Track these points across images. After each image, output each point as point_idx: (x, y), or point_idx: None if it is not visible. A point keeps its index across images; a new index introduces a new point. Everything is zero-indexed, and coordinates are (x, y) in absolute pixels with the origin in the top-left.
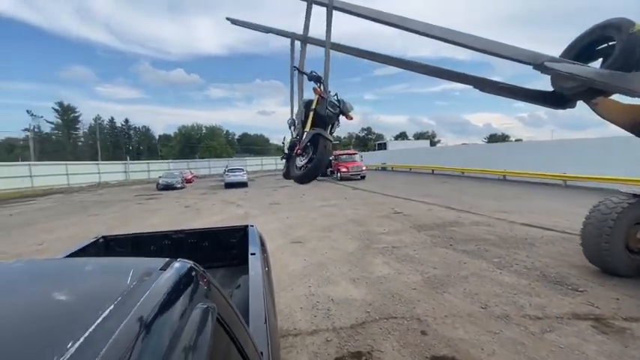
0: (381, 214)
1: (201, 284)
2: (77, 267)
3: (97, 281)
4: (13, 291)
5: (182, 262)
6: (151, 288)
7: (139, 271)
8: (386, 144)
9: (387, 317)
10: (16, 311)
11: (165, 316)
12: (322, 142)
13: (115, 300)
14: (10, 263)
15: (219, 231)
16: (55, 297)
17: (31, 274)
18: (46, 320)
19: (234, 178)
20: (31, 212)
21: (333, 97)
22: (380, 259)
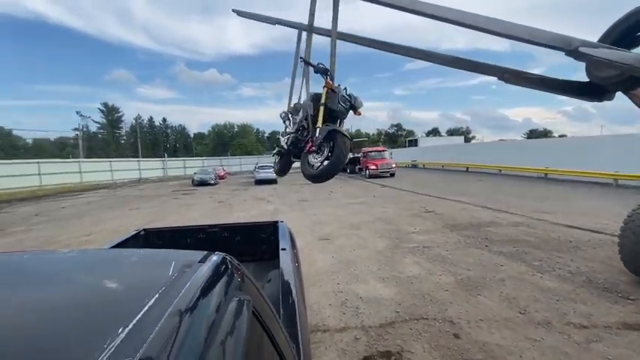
0: (412, 213)
1: (237, 277)
2: (123, 257)
3: (141, 271)
4: (65, 279)
5: (219, 255)
6: (191, 280)
7: (179, 263)
8: (417, 140)
9: (418, 318)
10: (69, 298)
11: (204, 307)
12: (341, 139)
13: (159, 290)
14: (62, 252)
15: (250, 226)
16: (105, 285)
17: (81, 263)
18: (97, 306)
19: (264, 175)
20: (80, 205)
21: (343, 92)
22: (410, 259)
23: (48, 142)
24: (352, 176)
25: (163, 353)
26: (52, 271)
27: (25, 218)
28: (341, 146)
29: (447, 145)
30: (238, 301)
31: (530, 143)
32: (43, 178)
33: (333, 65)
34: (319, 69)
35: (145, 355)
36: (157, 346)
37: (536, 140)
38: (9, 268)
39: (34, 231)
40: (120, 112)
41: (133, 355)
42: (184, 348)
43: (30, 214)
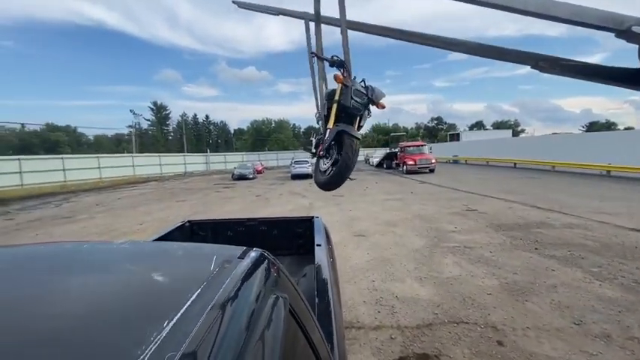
0: (452, 211)
1: (275, 274)
2: (167, 250)
3: (184, 265)
4: (113, 270)
5: (258, 251)
6: (231, 275)
7: (220, 258)
8: (459, 134)
9: (457, 321)
10: (117, 289)
11: (244, 303)
12: (347, 141)
13: (201, 285)
14: (111, 244)
15: (287, 221)
16: (150, 277)
17: (127, 255)
18: (143, 298)
19: (300, 170)
20: (133, 197)
21: (359, 84)
22: (450, 259)
23: (106, 138)
24: (389, 172)
25: (205, 348)
26: (99, 261)
27: (87, 207)
28: (347, 149)
29: (492, 140)
30: (276, 298)
31: (589, 137)
32: (102, 172)
33: (347, 55)
34: (334, 62)
35: (189, 349)
36: (199, 341)
37: (596, 134)
38: (58, 258)
39: (96, 219)
40: (167, 109)
41: (177, 349)
42: (225, 343)
43: (92, 204)
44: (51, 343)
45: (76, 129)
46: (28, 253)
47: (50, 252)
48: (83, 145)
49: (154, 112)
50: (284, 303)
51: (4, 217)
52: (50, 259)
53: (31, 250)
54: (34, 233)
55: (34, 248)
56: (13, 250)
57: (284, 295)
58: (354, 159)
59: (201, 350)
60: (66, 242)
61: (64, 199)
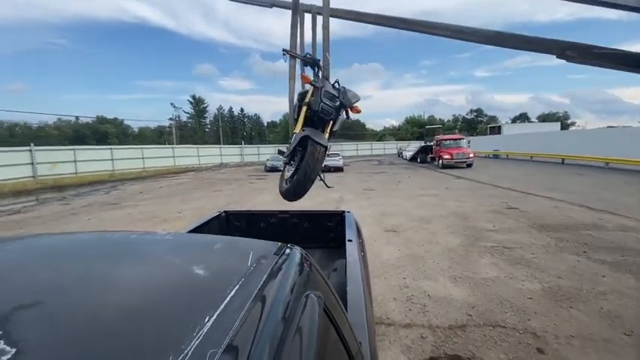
0: (491, 209)
1: (309, 271)
2: (204, 243)
3: (222, 260)
4: (153, 262)
5: (293, 248)
6: (267, 272)
7: (257, 254)
8: (500, 127)
9: (494, 325)
10: (158, 281)
11: (280, 300)
12: (310, 148)
13: (240, 281)
14: (150, 235)
15: (318, 214)
16: (190, 271)
17: (166, 247)
18: (184, 293)
19: (331, 163)
20: (173, 186)
21: (331, 86)
22: (487, 259)
23: (149, 130)
24: (423, 166)
25: (245, 344)
26: (141, 253)
27: (132, 195)
28: (308, 157)
29: (537, 133)
30: (311, 296)
31: None
32: (145, 162)
33: (326, 52)
34: (307, 60)
35: (229, 345)
36: (239, 337)
37: None
38: (103, 247)
39: (140, 206)
40: (205, 103)
41: (219, 345)
42: (263, 340)
43: (136, 192)
44: (93, 334)
45: (122, 121)
46: (68, 241)
47: (93, 241)
48: (129, 136)
49: (193, 106)
50: (319, 302)
51: (61, 203)
52: (94, 249)
53: (72, 239)
54: (87, 217)
55: (75, 237)
56: (50, 240)
57: (318, 293)
58: (315, 168)
59: (242, 346)
60: (109, 232)
61: (111, 186)
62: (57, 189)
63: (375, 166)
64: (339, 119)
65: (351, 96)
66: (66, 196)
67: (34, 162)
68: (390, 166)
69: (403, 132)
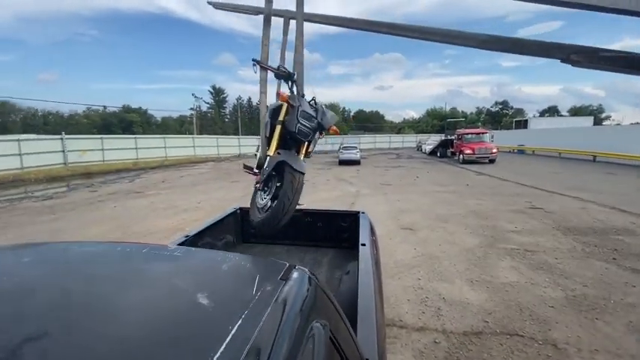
0: (513, 208)
1: (317, 297)
2: (210, 264)
3: (226, 285)
4: (155, 284)
5: (300, 271)
6: (272, 302)
7: (262, 278)
8: (527, 121)
9: (511, 333)
10: (159, 309)
11: (286, 332)
12: (288, 177)
13: (243, 313)
14: (162, 249)
15: (332, 214)
16: (193, 298)
17: (171, 266)
18: (186, 319)
19: (348, 156)
20: (193, 176)
21: (308, 105)
22: (507, 263)
23: (171, 119)
24: (442, 160)
25: None
26: (139, 273)
27: (155, 184)
28: (287, 187)
29: (567, 128)
30: (317, 326)
31: None
32: (167, 151)
33: (300, 66)
34: (281, 73)
35: None
36: None
37: None
38: (107, 260)
39: (162, 195)
40: (225, 93)
41: None
42: None
43: (159, 181)
44: None
45: (146, 111)
46: (65, 251)
47: (97, 255)
48: (152, 125)
49: (213, 96)
50: (325, 332)
51: (90, 190)
52: (94, 265)
53: (76, 250)
54: (113, 205)
55: (72, 247)
56: (56, 248)
57: (325, 323)
58: (294, 199)
59: None
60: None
61: (135, 175)
62: (86, 176)
63: (393, 159)
64: (314, 140)
65: (330, 117)
66: (94, 183)
67: (65, 150)
68: (408, 160)
69: (423, 124)
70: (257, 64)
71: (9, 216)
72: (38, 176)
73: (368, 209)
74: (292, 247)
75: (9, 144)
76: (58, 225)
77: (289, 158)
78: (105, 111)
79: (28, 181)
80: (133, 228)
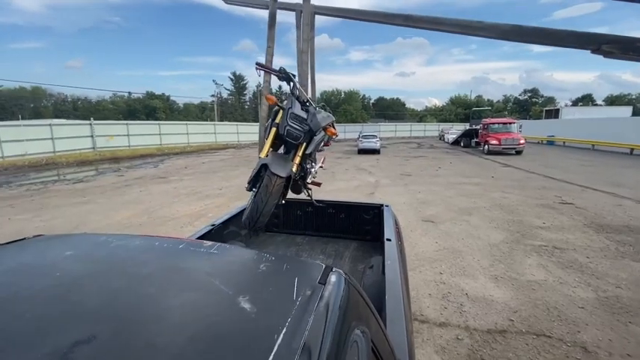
0: (541, 203)
1: (356, 302)
2: (249, 264)
3: (266, 290)
4: (193, 289)
5: (338, 273)
6: (315, 309)
7: (300, 282)
8: (558, 110)
9: (538, 334)
10: (198, 323)
11: (333, 339)
12: (265, 180)
13: (286, 322)
14: (199, 245)
15: (355, 206)
16: (234, 304)
17: (209, 267)
18: (232, 322)
19: (367, 145)
20: (215, 162)
21: (299, 107)
22: (534, 260)
23: (193, 105)
24: (466, 151)
25: None
26: (176, 268)
27: (178, 170)
28: (262, 190)
29: (602, 118)
30: (358, 334)
31: None
32: (189, 137)
33: (306, 66)
34: (280, 75)
35: None
36: None
37: None
38: (142, 256)
39: (184, 181)
40: (245, 79)
41: None
42: None
43: (181, 167)
44: None
45: (169, 97)
46: (100, 245)
47: (133, 248)
48: (175, 111)
49: (233, 82)
50: (366, 340)
51: (117, 174)
52: (132, 256)
53: (111, 244)
54: (139, 189)
55: (109, 240)
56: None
57: (365, 329)
58: (268, 203)
59: None
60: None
61: (159, 160)
62: (113, 160)
63: (414, 149)
64: (314, 140)
65: (321, 118)
66: (121, 167)
67: (94, 135)
68: (430, 150)
69: (446, 113)
70: (259, 68)
71: (43, 198)
72: (69, 160)
73: (388, 200)
74: (314, 237)
75: (42, 128)
76: (88, 207)
77: (273, 161)
78: (130, 97)
79: (60, 164)
80: (158, 213)
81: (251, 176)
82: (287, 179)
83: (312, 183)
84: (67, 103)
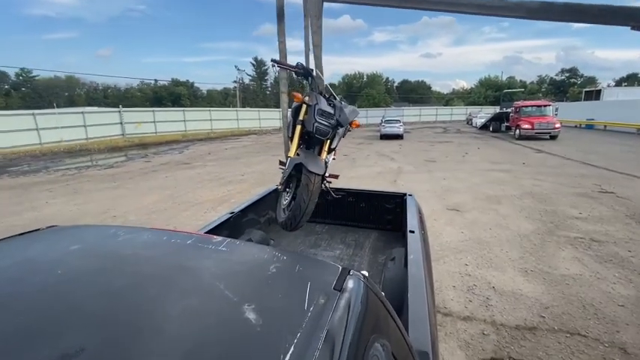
0: (578, 191)
1: (376, 312)
2: (260, 263)
3: (277, 294)
4: (203, 291)
5: (356, 277)
6: (328, 322)
7: (313, 287)
8: (599, 91)
9: (572, 332)
10: (208, 328)
11: (346, 353)
12: (304, 180)
13: (299, 327)
14: (208, 241)
15: (376, 194)
16: (240, 308)
17: (219, 259)
18: (235, 332)
19: (390, 130)
20: (237, 148)
21: (326, 102)
22: (569, 253)
23: (216, 92)
24: (496, 136)
25: None
26: (181, 267)
27: (201, 156)
28: (302, 190)
29: None
30: (377, 348)
31: None
32: (213, 123)
33: (319, 60)
34: (298, 71)
35: None
36: None
37: None
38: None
39: (208, 167)
40: (266, 65)
41: None
42: None
43: (205, 153)
44: None
45: (193, 84)
46: (109, 238)
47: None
48: (198, 98)
49: (255, 68)
50: (385, 351)
51: (145, 160)
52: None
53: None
54: (164, 175)
55: (118, 233)
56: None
57: (385, 342)
58: (310, 202)
59: None
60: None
61: (184, 146)
62: (141, 147)
63: (440, 134)
64: (338, 134)
65: (349, 113)
66: (148, 153)
67: (123, 122)
68: (456, 135)
69: (475, 96)
70: (275, 65)
71: (77, 183)
72: (100, 146)
73: (411, 187)
74: (333, 226)
75: (75, 116)
76: (118, 192)
77: (307, 159)
78: (156, 84)
79: (92, 150)
80: (183, 198)
81: (284, 177)
82: (322, 176)
83: (330, 176)
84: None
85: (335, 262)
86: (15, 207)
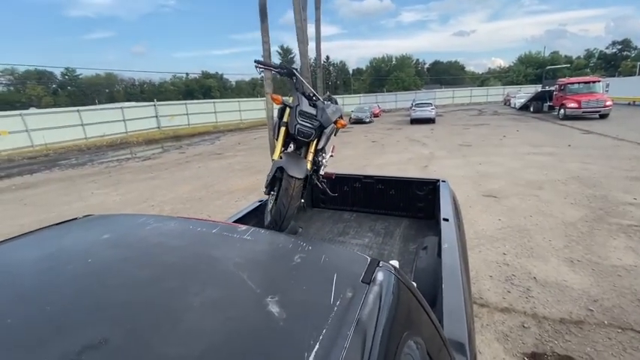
0: (632, 175)
1: (408, 307)
2: (285, 253)
3: (299, 283)
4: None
5: (386, 270)
6: (356, 317)
7: (340, 279)
8: None
9: (624, 327)
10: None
11: (377, 352)
12: (284, 183)
13: (325, 323)
14: (232, 229)
15: (406, 181)
16: (264, 301)
17: (244, 250)
18: (258, 328)
19: (421, 114)
20: (265, 138)
21: (307, 103)
22: (621, 242)
23: (244, 82)
24: (537, 116)
25: None
26: (205, 257)
27: (232, 146)
28: (282, 195)
29: None
30: (411, 346)
31: None
32: (242, 114)
33: (304, 58)
34: (282, 71)
35: None
36: None
37: None
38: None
39: (238, 157)
40: (292, 53)
41: None
42: None
43: (235, 143)
44: None
45: (222, 76)
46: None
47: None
48: (228, 89)
49: (281, 56)
50: (420, 350)
51: (179, 151)
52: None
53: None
54: (197, 165)
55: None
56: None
57: (419, 340)
58: (290, 206)
59: None
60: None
61: (215, 137)
62: (175, 139)
63: (475, 116)
64: (324, 134)
65: (331, 113)
66: (182, 145)
67: (158, 115)
68: (493, 117)
69: (514, 74)
70: (259, 66)
71: (119, 174)
72: (138, 139)
73: (443, 173)
74: (362, 214)
75: (115, 111)
76: (155, 183)
77: (288, 163)
78: (187, 78)
79: (131, 143)
80: (215, 187)
81: (267, 180)
82: (305, 179)
83: (325, 175)
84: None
85: (364, 250)
86: (65, 197)
